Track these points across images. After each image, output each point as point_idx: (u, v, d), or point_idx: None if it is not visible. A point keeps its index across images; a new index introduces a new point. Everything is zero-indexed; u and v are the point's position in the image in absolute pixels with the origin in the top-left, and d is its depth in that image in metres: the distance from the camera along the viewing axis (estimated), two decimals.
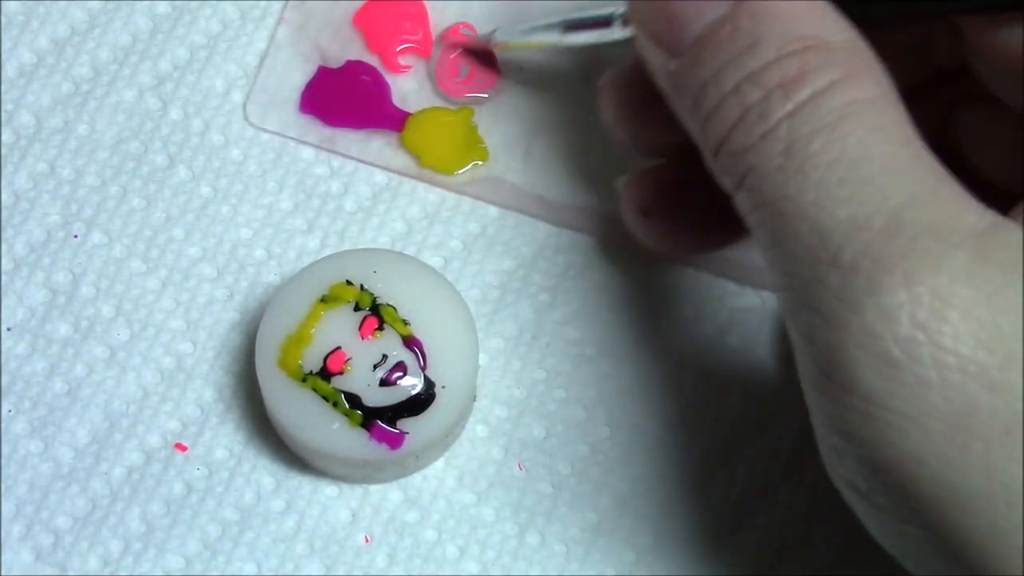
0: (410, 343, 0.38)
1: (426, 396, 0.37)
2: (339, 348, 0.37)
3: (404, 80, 0.43)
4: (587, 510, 0.40)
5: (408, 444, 0.37)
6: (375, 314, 0.38)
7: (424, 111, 0.42)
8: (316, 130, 0.42)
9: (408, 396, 0.37)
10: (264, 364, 0.38)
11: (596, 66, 0.42)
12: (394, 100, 0.42)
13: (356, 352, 0.37)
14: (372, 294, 0.38)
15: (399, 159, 0.42)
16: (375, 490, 0.39)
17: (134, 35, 0.42)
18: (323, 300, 0.38)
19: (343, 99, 0.42)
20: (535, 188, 0.42)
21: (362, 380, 0.37)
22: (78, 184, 0.41)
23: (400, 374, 0.37)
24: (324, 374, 0.37)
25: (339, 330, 0.38)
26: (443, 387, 0.37)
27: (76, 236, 0.41)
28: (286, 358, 0.37)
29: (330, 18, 0.43)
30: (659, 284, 0.41)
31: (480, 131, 0.42)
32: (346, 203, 0.42)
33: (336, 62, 0.42)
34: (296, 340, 0.37)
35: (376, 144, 0.42)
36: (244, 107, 0.42)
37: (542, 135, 0.42)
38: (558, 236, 0.41)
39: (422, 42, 0.43)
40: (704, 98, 0.31)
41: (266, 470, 0.39)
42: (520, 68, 0.42)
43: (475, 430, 0.40)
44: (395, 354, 0.37)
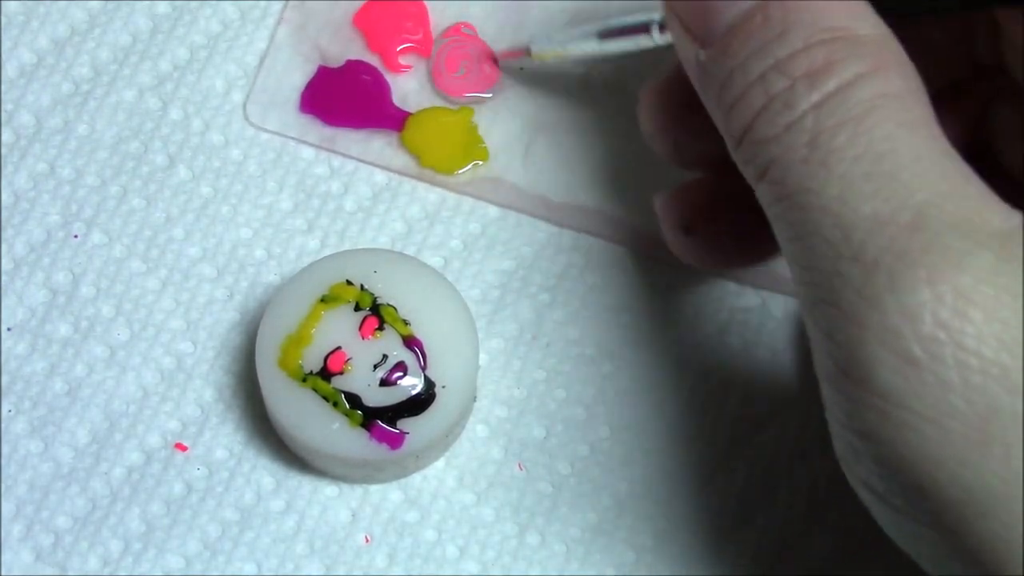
0: (410, 343, 0.38)
1: (426, 396, 0.37)
2: (339, 348, 0.37)
3: (404, 80, 0.43)
4: (587, 510, 0.40)
5: (408, 444, 0.37)
6: (375, 314, 0.38)
7: (424, 111, 0.42)
8: (316, 130, 0.42)
9: (408, 396, 0.37)
10: (264, 364, 0.38)
11: (596, 66, 0.42)
12: (394, 100, 0.42)
13: (356, 352, 0.37)
14: (372, 294, 0.38)
15: (399, 159, 0.42)
16: (375, 490, 0.39)
17: (134, 35, 0.42)
18: (323, 300, 0.38)
19: (343, 99, 0.42)
20: (535, 188, 0.42)
21: (362, 380, 0.37)
22: (78, 184, 0.41)
23: (400, 374, 0.37)
24: (324, 374, 0.37)
25: (339, 330, 0.38)
26: (443, 387, 0.37)
27: (76, 236, 0.41)
28: (286, 358, 0.37)
29: (330, 18, 0.43)
30: (659, 284, 0.41)
31: (480, 131, 0.42)
32: (346, 203, 0.42)
33: (336, 62, 0.42)
34: (296, 340, 0.37)
35: (376, 144, 0.42)
36: (244, 107, 0.42)
37: (542, 135, 0.42)
38: (558, 236, 0.41)
39: (422, 42, 0.43)
40: (730, 86, 0.30)
41: (266, 470, 0.39)
42: (520, 68, 0.42)
43: (475, 430, 0.40)
44: (395, 354, 0.37)
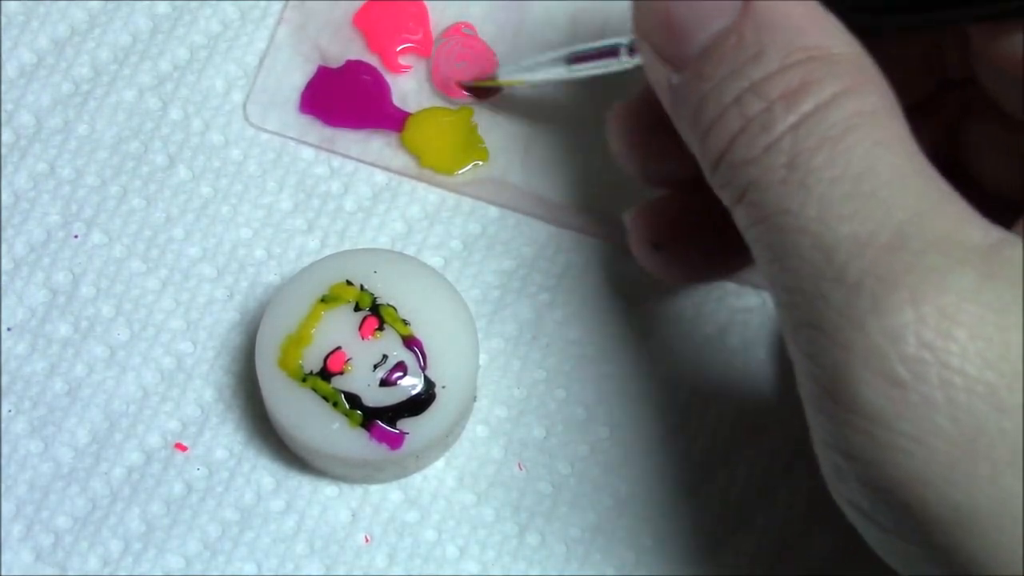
0: (410, 343, 0.38)
1: (426, 396, 0.37)
2: (339, 348, 0.37)
3: (404, 80, 0.43)
4: (587, 510, 0.40)
5: (408, 444, 0.37)
6: (375, 314, 0.38)
7: (424, 111, 0.42)
8: (316, 130, 0.42)
9: (408, 396, 0.37)
10: (264, 364, 0.38)
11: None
12: (394, 100, 0.42)
13: (356, 352, 0.37)
14: (372, 294, 0.38)
15: (399, 159, 0.42)
16: (375, 490, 0.39)
17: (134, 35, 0.42)
18: (323, 300, 0.38)
19: (343, 99, 0.42)
20: (535, 188, 0.42)
21: (362, 380, 0.37)
22: (78, 184, 0.41)
23: (400, 374, 0.37)
24: (324, 374, 0.37)
25: (339, 330, 0.38)
26: (443, 387, 0.37)
27: (76, 236, 0.41)
28: (286, 358, 0.37)
29: (330, 18, 0.43)
30: (659, 284, 0.41)
31: (480, 131, 0.42)
32: (346, 203, 0.42)
33: (336, 62, 0.42)
34: (296, 340, 0.37)
35: (376, 144, 0.42)
36: (244, 107, 0.42)
37: (542, 135, 0.42)
38: (558, 236, 0.41)
39: (422, 42, 0.43)
40: (705, 109, 0.30)
41: (266, 470, 0.39)
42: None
43: (475, 430, 0.40)
44: (395, 354, 0.37)
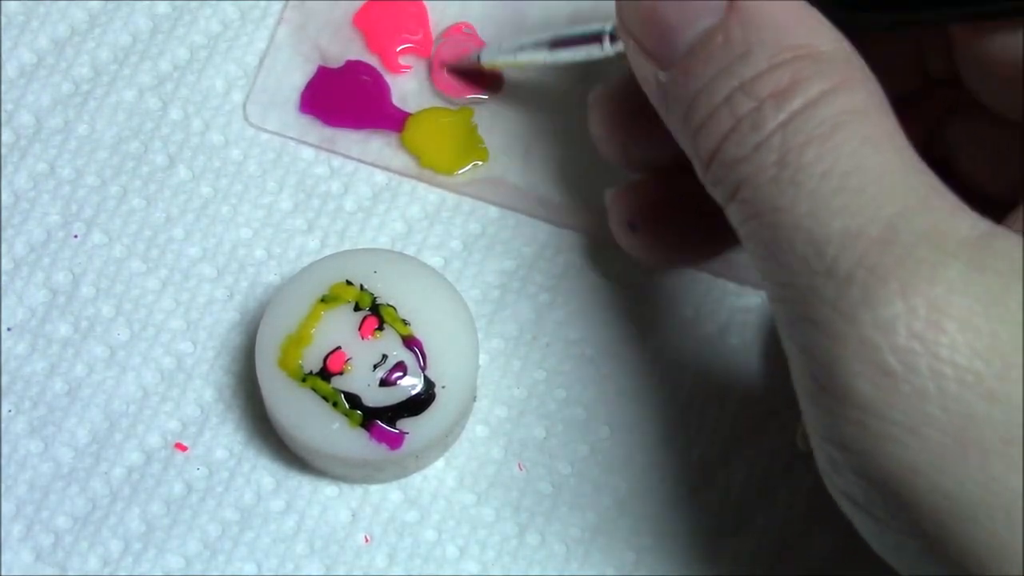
0: (410, 343, 0.38)
1: (426, 396, 0.37)
2: (339, 348, 0.37)
3: (404, 80, 0.43)
4: (587, 510, 0.40)
5: (408, 444, 0.37)
6: (375, 314, 0.38)
7: (424, 111, 0.42)
8: (316, 130, 0.42)
9: (408, 396, 0.37)
10: (264, 364, 0.38)
11: (596, 67, 0.42)
12: (394, 100, 0.42)
13: (356, 352, 0.37)
14: (372, 294, 0.38)
15: (399, 159, 0.42)
16: (375, 490, 0.39)
17: (134, 35, 0.42)
18: (323, 300, 0.38)
19: (343, 99, 0.42)
20: (535, 188, 0.42)
21: (362, 380, 0.37)
22: (78, 184, 0.41)
23: (400, 374, 0.37)
24: (324, 374, 0.37)
25: (339, 330, 0.38)
26: (443, 387, 0.37)
27: (76, 236, 0.41)
28: (286, 358, 0.37)
29: (330, 18, 0.43)
30: (659, 284, 0.41)
31: (480, 131, 0.42)
32: (346, 203, 0.42)
33: (336, 62, 0.42)
34: (296, 340, 0.37)
35: (376, 144, 0.42)
36: (244, 107, 0.42)
37: (542, 135, 0.42)
38: (558, 236, 0.41)
39: (422, 42, 0.43)
40: (695, 109, 0.31)
41: (266, 470, 0.39)
42: (520, 68, 0.42)
43: (475, 430, 0.40)
44: (395, 354, 0.37)
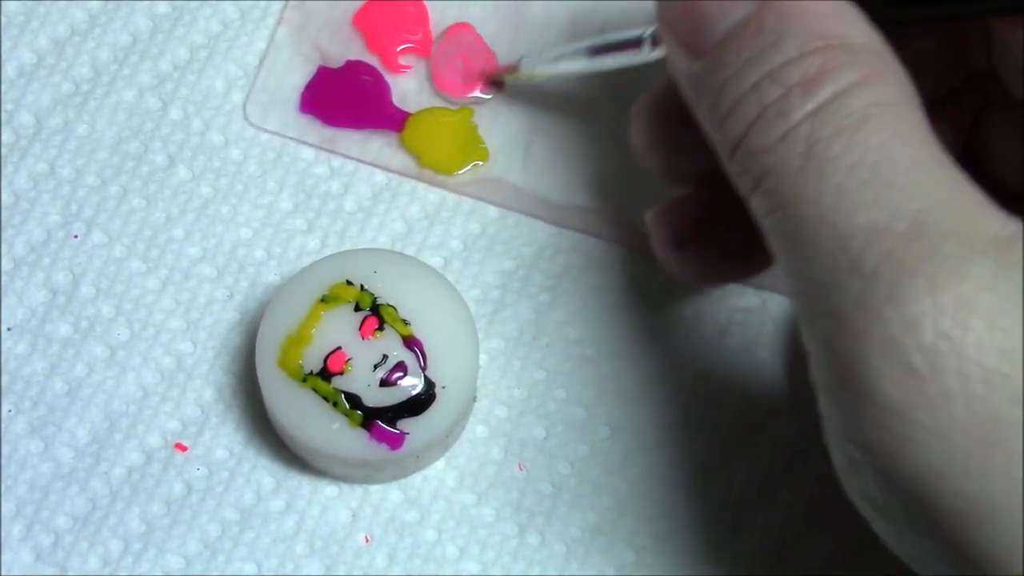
0: (410, 343, 0.38)
1: (426, 396, 0.37)
2: (339, 348, 0.37)
3: (404, 80, 0.43)
4: (587, 510, 0.40)
5: (408, 444, 0.37)
6: (375, 314, 0.38)
7: (424, 111, 0.42)
8: (316, 130, 0.42)
9: (408, 396, 0.37)
10: (264, 364, 0.38)
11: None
12: (394, 100, 0.42)
13: (356, 352, 0.37)
14: (372, 294, 0.38)
15: (399, 159, 0.42)
16: (375, 490, 0.39)
17: (134, 35, 0.42)
18: (323, 300, 0.38)
19: (343, 99, 0.42)
20: (535, 188, 0.42)
21: (362, 380, 0.37)
22: (78, 184, 0.41)
23: (400, 374, 0.37)
24: (324, 374, 0.37)
25: (339, 330, 0.38)
26: (443, 387, 0.37)
27: (76, 236, 0.41)
28: (286, 358, 0.37)
29: (330, 18, 0.43)
30: (659, 284, 0.41)
31: (480, 131, 0.42)
32: (346, 203, 0.42)
33: (336, 62, 0.42)
34: (296, 340, 0.37)
35: (376, 144, 0.42)
36: (244, 107, 0.42)
37: (542, 135, 0.42)
38: (558, 236, 0.41)
39: (422, 42, 0.43)
40: (723, 95, 0.30)
41: (266, 470, 0.39)
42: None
43: (475, 430, 0.40)
44: (395, 354, 0.37)
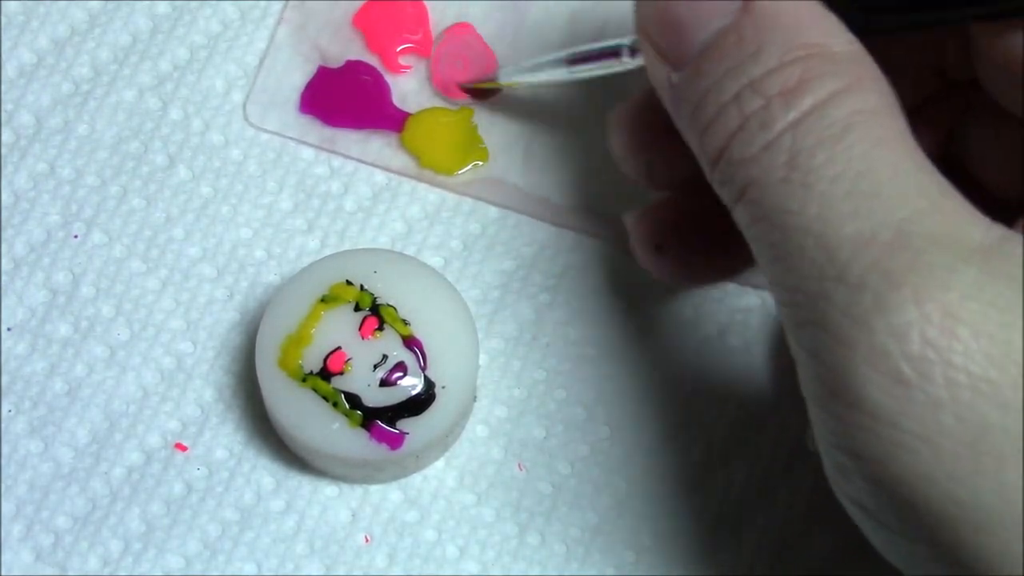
0: (410, 343, 0.38)
1: (426, 396, 0.37)
2: (339, 348, 0.37)
3: (404, 80, 0.43)
4: (587, 510, 0.40)
5: (408, 444, 0.37)
6: (375, 314, 0.38)
7: (424, 111, 0.42)
8: (316, 130, 0.42)
9: (408, 396, 0.37)
10: (264, 364, 0.38)
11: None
12: (394, 100, 0.42)
13: (356, 352, 0.37)
14: (372, 294, 0.38)
15: (399, 159, 0.42)
16: (375, 490, 0.39)
17: (134, 35, 0.42)
18: (323, 300, 0.38)
19: (343, 99, 0.42)
20: (535, 188, 0.42)
21: (362, 380, 0.37)
22: (78, 184, 0.41)
23: (400, 374, 0.37)
24: (324, 374, 0.37)
25: (339, 330, 0.38)
26: (443, 387, 0.37)
27: (76, 236, 0.41)
28: (286, 358, 0.37)
29: (330, 18, 0.43)
30: (659, 284, 0.41)
31: (480, 131, 0.42)
32: (346, 203, 0.42)
33: (336, 62, 0.42)
34: (296, 340, 0.37)
35: (376, 144, 0.42)
36: (244, 107, 0.42)
37: (542, 135, 0.42)
38: (558, 236, 0.41)
39: (422, 42, 0.43)
40: (704, 106, 0.30)
41: (266, 470, 0.39)
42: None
43: (475, 430, 0.40)
44: (395, 354, 0.37)
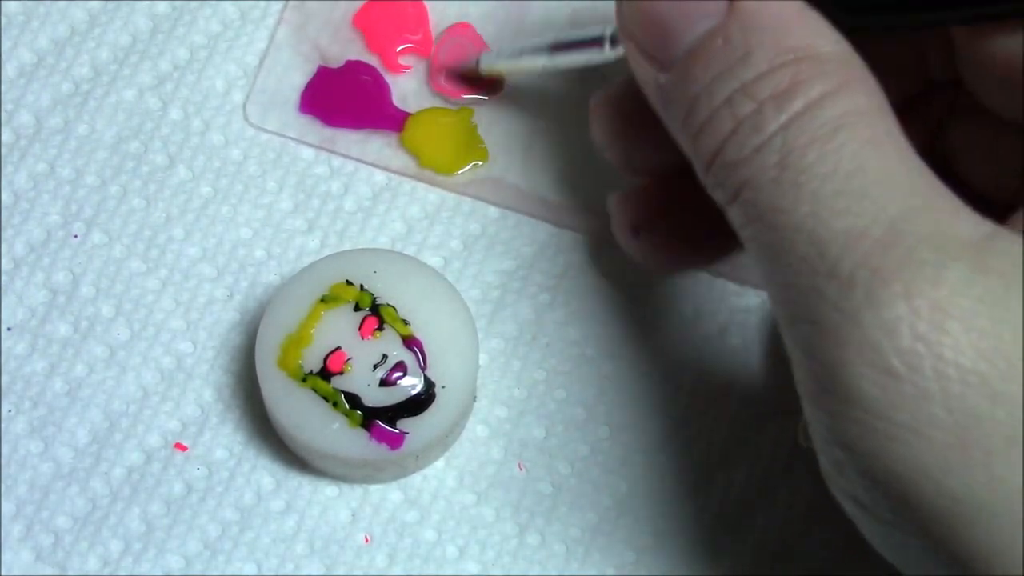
0: (410, 343, 0.38)
1: (426, 396, 0.37)
2: (339, 348, 0.37)
3: (404, 80, 0.43)
4: (587, 510, 0.40)
5: (408, 444, 0.37)
6: (375, 314, 0.38)
7: (424, 111, 0.42)
8: (316, 130, 0.42)
9: (408, 396, 0.37)
10: (264, 364, 0.38)
11: (596, 65, 0.42)
12: (394, 100, 0.42)
13: (356, 352, 0.37)
14: (372, 294, 0.38)
15: (399, 159, 0.42)
16: (375, 490, 0.39)
17: (134, 35, 0.42)
18: (323, 300, 0.38)
19: (343, 99, 0.42)
20: (535, 188, 0.42)
21: (362, 380, 0.37)
22: (78, 184, 0.41)
23: (400, 374, 0.37)
24: (324, 374, 0.37)
25: (339, 330, 0.38)
26: (443, 387, 0.37)
27: (76, 236, 0.41)
28: (286, 358, 0.37)
29: (330, 18, 0.43)
30: (659, 284, 0.41)
31: (480, 131, 0.42)
32: (346, 203, 0.42)
33: (336, 62, 0.42)
34: (296, 340, 0.37)
35: (376, 144, 0.42)
36: (244, 107, 0.42)
37: (542, 135, 0.42)
38: (558, 236, 0.41)
39: (422, 42, 0.43)
40: (696, 111, 0.31)
41: (266, 470, 0.39)
42: (521, 73, 0.42)
43: (475, 430, 0.40)
44: (395, 354, 0.37)
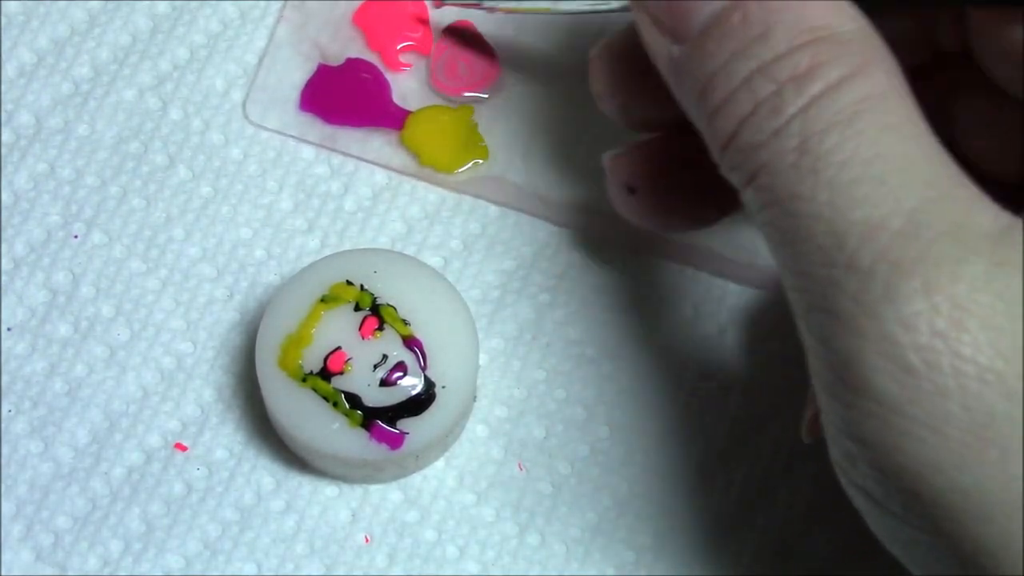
0: (410, 343, 0.38)
1: (426, 396, 0.37)
2: (339, 348, 0.37)
3: (404, 78, 0.42)
4: (587, 510, 0.40)
5: (408, 444, 0.37)
6: (375, 314, 0.38)
7: (424, 109, 0.42)
8: (316, 128, 0.42)
9: (408, 396, 0.37)
10: (264, 364, 0.38)
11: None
12: (394, 98, 0.42)
13: (356, 352, 0.37)
14: (372, 294, 0.38)
15: (399, 157, 0.42)
16: (375, 490, 0.39)
17: (134, 35, 0.42)
18: (323, 300, 0.38)
19: (343, 97, 0.42)
20: (535, 187, 0.42)
21: (362, 380, 0.37)
22: (78, 184, 0.41)
23: (400, 374, 0.37)
24: (324, 374, 0.37)
25: (339, 330, 0.38)
26: (443, 387, 0.37)
27: (76, 236, 0.41)
28: (286, 358, 0.37)
29: (330, 16, 0.43)
30: (659, 284, 0.41)
31: (480, 129, 0.42)
32: (346, 203, 0.42)
33: (336, 60, 0.42)
34: (296, 340, 0.37)
35: (376, 142, 0.42)
36: (244, 106, 0.42)
37: (542, 133, 0.42)
38: (558, 236, 0.41)
39: (422, 40, 0.43)
40: (712, 90, 0.30)
41: (266, 470, 0.39)
42: (521, 66, 0.42)
43: (475, 430, 0.40)
44: (395, 354, 0.37)
